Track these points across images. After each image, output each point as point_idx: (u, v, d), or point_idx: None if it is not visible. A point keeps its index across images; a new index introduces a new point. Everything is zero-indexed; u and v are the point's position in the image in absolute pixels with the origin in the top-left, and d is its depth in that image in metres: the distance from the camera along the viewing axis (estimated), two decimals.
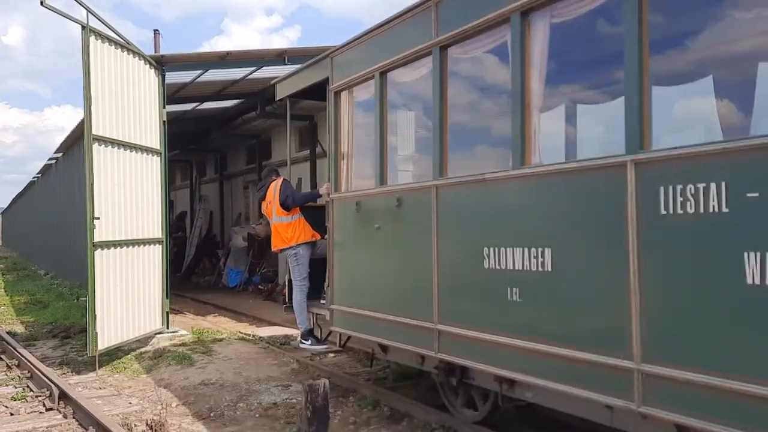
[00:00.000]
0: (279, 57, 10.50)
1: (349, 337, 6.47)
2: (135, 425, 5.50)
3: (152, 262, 8.91)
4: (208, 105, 14.57)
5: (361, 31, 6.24)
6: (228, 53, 10.21)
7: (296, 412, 5.85)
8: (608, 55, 4.10)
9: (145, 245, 8.72)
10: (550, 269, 3.90)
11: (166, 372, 7.61)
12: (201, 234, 20.58)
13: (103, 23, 7.90)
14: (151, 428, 5.16)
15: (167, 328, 9.32)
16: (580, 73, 4.54)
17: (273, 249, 7.34)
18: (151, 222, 8.90)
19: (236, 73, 11.60)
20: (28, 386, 7.15)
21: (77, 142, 15.73)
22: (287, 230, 7.01)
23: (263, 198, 7.29)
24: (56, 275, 20.42)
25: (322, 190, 6.75)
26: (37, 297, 15.15)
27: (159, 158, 9.13)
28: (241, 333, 10.02)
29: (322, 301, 6.90)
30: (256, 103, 14.01)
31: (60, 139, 23.31)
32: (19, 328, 11.00)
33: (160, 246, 9.11)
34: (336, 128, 6.34)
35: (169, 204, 12.52)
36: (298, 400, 6.22)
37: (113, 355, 8.25)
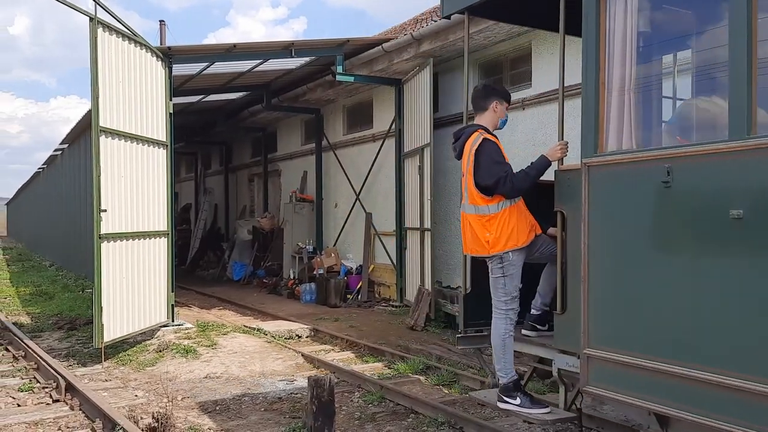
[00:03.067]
0: (285, 50, 10.46)
1: (578, 395, 4.25)
2: (141, 418, 5.51)
3: (158, 254, 8.91)
4: (213, 97, 14.55)
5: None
6: (234, 45, 10.18)
7: (301, 407, 5.85)
8: None
9: (150, 238, 8.72)
10: None
11: (172, 365, 7.62)
12: (206, 227, 20.60)
13: (110, 14, 7.88)
14: (158, 421, 5.15)
15: (172, 320, 9.32)
16: None
17: (464, 252, 4.61)
18: (157, 215, 8.90)
19: (242, 66, 11.58)
20: (34, 378, 7.17)
21: (83, 134, 15.74)
22: (488, 227, 4.29)
23: (458, 158, 4.59)
24: (61, 267, 20.47)
25: (554, 152, 4.22)
26: (43, 288, 15.19)
27: (165, 151, 9.12)
28: (246, 326, 10.03)
29: (524, 332, 4.58)
30: (261, 95, 14.00)
31: (65, 129, 23.33)
32: (24, 319, 11.04)
33: (166, 239, 9.12)
34: (596, 41, 3.81)
35: (174, 196, 12.53)
36: (303, 394, 6.22)
37: (119, 347, 8.26)
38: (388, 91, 12.12)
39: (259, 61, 11.24)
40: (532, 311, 4.59)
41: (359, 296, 12.44)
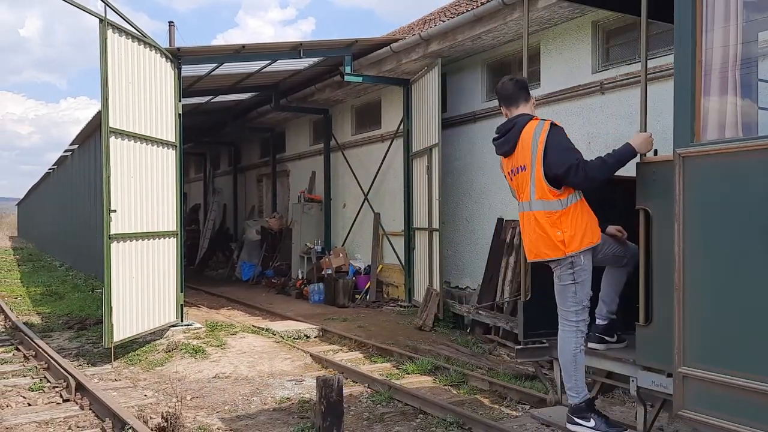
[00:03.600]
0: (294, 50, 10.48)
1: (654, 418, 3.84)
2: (150, 417, 5.54)
3: (167, 254, 8.95)
4: (222, 98, 14.61)
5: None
6: (243, 46, 10.21)
7: (310, 407, 5.86)
8: None
9: (160, 238, 8.76)
10: None
11: (181, 365, 7.65)
12: (214, 227, 20.68)
13: (120, 16, 7.92)
14: (167, 420, 5.18)
15: (181, 320, 9.36)
16: None
17: (529, 259, 4.08)
18: (166, 215, 8.94)
19: (251, 66, 11.61)
20: (45, 377, 7.21)
21: (93, 134, 15.83)
22: (559, 225, 3.82)
23: (509, 153, 4.04)
24: (71, 267, 20.59)
25: (644, 142, 3.67)
26: (53, 288, 15.28)
27: (174, 151, 9.16)
28: (255, 326, 10.05)
29: (591, 345, 4.05)
30: (270, 96, 14.03)
31: (75, 130, 23.48)
32: (35, 319, 11.11)
33: (175, 239, 9.15)
34: (692, 14, 3.26)
35: (183, 196, 12.59)
36: (311, 394, 6.23)
37: (128, 347, 8.30)
38: (396, 92, 12.11)
39: (267, 62, 11.27)
40: (598, 321, 4.09)
41: (368, 296, 12.44)
